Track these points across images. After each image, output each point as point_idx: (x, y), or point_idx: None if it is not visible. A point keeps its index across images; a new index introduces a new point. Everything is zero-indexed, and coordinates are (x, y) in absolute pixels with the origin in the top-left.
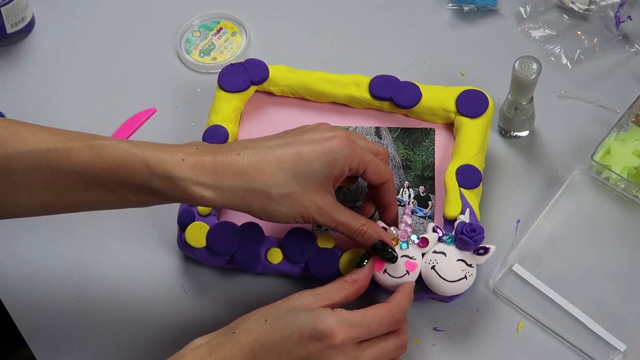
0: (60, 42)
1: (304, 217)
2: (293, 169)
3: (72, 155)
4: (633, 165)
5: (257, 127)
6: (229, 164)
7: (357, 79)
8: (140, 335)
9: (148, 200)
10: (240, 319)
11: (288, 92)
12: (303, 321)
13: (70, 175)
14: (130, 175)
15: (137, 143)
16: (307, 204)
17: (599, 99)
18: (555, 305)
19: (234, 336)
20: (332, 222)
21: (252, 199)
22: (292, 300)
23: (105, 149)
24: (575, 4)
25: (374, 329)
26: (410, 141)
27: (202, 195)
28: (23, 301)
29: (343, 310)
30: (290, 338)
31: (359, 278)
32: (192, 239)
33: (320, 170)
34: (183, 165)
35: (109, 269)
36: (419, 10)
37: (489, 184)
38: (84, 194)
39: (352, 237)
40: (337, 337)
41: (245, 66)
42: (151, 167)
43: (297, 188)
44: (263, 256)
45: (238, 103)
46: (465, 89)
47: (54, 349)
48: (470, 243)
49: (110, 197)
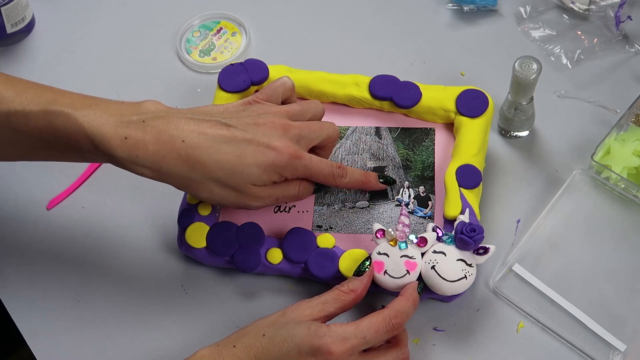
0: (60, 42)
1: (241, 206)
2: (231, 169)
3: (29, 120)
4: (633, 165)
5: None
6: (171, 150)
7: (357, 79)
8: (140, 335)
9: (99, 163)
10: (241, 331)
11: None
12: (300, 338)
13: (29, 138)
14: (77, 147)
15: (90, 109)
16: (242, 197)
17: (599, 99)
18: (555, 305)
19: (235, 351)
20: (274, 202)
21: (189, 185)
22: (289, 313)
23: (58, 117)
24: (575, 4)
25: (370, 339)
26: (410, 141)
27: (142, 173)
28: (23, 301)
29: (338, 325)
30: (289, 355)
31: (356, 288)
32: (192, 239)
33: (257, 176)
34: (125, 145)
35: (109, 269)
36: (419, 10)
37: (489, 184)
38: (44, 154)
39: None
40: (333, 353)
41: (245, 66)
42: (95, 144)
43: (233, 184)
44: (263, 256)
45: None
46: (465, 88)
47: (54, 349)
48: (470, 243)
49: (66, 158)
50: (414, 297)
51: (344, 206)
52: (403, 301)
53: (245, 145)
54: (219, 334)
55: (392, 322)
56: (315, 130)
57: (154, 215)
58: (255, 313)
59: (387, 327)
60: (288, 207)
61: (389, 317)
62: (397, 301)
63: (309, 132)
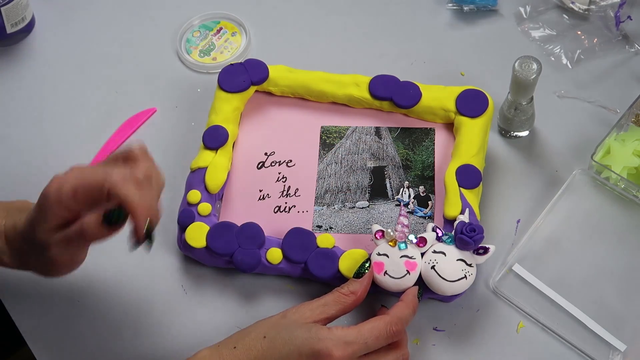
0: (60, 42)
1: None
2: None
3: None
4: (633, 165)
5: (256, 128)
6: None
7: (357, 79)
8: (140, 335)
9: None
10: (241, 332)
11: (288, 92)
12: (300, 341)
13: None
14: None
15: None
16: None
17: (599, 99)
18: (555, 305)
19: (235, 352)
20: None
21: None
22: (289, 315)
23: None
24: (575, 4)
25: (371, 344)
26: (410, 141)
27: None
28: (23, 301)
29: (339, 328)
30: (289, 358)
31: (356, 290)
32: (192, 239)
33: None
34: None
35: (109, 269)
36: (419, 10)
37: (489, 184)
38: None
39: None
40: (334, 356)
41: (245, 66)
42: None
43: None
44: (263, 256)
45: (238, 103)
46: (465, 88)
47: (54, 349)
48: (470, 243)
49: None
50: (414, 304)
51: (343, 206)
52: (404, 307)
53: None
54: (219, 334)
55: (393, 329)
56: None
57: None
58: (255, 313)
59: (388, 333)
60: (288, 207)
61: (391, 324)
62: (399, 307)
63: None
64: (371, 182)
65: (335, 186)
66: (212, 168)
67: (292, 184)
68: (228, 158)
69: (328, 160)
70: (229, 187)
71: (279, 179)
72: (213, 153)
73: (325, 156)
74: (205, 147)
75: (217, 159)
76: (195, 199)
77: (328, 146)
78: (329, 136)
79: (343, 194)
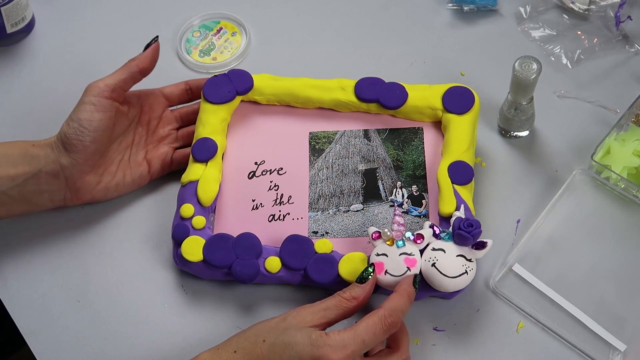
0: (60, 42)
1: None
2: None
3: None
4: (633, 165)
5: (244, 138)
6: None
7: (342, 83)
8: (140, 335)
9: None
10: (241, 335)
11: (274, 100)
12: (300, 347)
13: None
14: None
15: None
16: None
17: (599, 99)
18: (555, 305)
19: (236, 356)
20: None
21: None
22: (290, 318)
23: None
24: (575, 4)
25: (369, 341)
26: (399, 141)
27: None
28: (23, 301)
29: (336, 332)
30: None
31: (358, 295)
32: (188, 253)
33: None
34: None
35: (109, 270)
36: (419, 10)
37: (488, 183)
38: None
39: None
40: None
41: (229, 77)
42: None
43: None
44: (262, 266)
45: (224, 114)
46: (450, 86)
47: (54, 349)
48: (468, 238)
49: None
50: (409, 292)
51: (338, 210)
52: (397, 298)
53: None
54: (219, 334)
55: (388, 321)
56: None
57: (153, 216)
58: (255, 315)
59: (383, 327)
60: (282, 215)
61: (384, 317)
62: (391, 299)
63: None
64: (364, 184)
65: (328, 191)
66: (204, 181)
67: (285, 191)
68: (218, 170)
69: (319, 166)
70: (222, 199)
71: (271, 188)
72: (203, 166)
73: (316, 162)
74: (194, 160)
75: (208, 171)
76: (188, 213)
77: (318, 152)
78: (318, 142)
79: (337, 199)
